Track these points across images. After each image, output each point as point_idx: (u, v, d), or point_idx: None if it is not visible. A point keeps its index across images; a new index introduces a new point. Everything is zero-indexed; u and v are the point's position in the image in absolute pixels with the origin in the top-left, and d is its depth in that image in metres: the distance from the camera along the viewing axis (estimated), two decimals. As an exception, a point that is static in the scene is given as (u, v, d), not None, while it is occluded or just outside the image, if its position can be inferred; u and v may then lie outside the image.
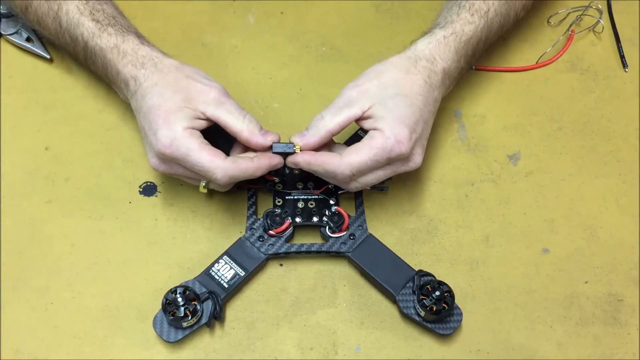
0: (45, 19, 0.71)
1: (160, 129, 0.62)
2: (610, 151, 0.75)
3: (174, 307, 0.61)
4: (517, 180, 0.73)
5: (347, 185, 0.65)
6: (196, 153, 0.61)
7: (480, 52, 0.71)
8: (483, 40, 0.70)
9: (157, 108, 0.63)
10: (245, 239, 0.67)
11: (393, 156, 0.62)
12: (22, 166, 0.72)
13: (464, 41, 0.68)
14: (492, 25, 0.70)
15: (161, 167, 0.64)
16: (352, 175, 0.63)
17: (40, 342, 0.63)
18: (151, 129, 0.63)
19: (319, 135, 0.63)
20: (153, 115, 0.63)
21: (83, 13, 0.69)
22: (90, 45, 0.68)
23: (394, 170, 0.65)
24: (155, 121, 0.62)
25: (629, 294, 0.67)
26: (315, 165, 0.63)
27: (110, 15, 0.69)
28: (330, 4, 0.85)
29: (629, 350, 0.64)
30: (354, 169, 0.62)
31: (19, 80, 0.78)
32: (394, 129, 0.62)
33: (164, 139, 0.61)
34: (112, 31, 0.68)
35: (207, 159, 0.61)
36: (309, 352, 0.63)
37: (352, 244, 0.67)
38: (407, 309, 0.63)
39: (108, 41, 0.67)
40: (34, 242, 0.68)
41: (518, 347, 0.64)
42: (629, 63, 0.82)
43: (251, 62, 0.81)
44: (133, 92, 0.66)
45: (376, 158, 0.62)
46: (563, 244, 0.69)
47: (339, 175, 0.63)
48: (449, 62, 0.67)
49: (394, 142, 0.62)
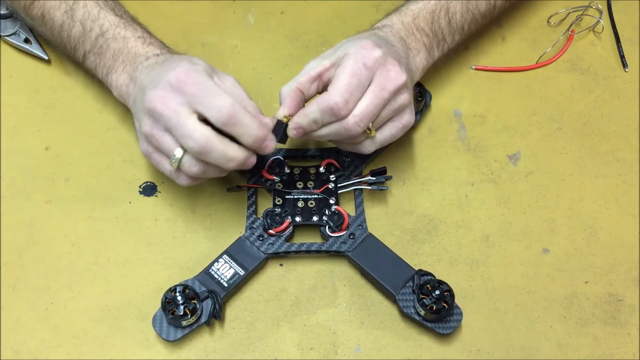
0: (53, 12, 0.71)
1: (180, 63, 0.62)
2: (610, 151, 0.75)
3: (173, 306, 0.61)
4: (517, 180, 0.73)
5: (351, 127, 0.63)
6: (211, 87, 0.60)
7: (445, 25, 0.72)
8: (440, 16, 0.72)
9: (179, 58, 0.64)
10: (245, 238, 0.67)
11: (368, 63, 0.62)
12: (22, 166, 0.72)
13: (410, 15, 0.71)
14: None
15: (148, 128, 0.62)
16: (345, 101, 0.61)
17: (40, 342, 0.63)
18: (169, 67, 0.62)
19: (292, 89, 0.65)
20: (176, 59, 0.64)
21: (103, 8, 0.70)
22: (110, 34, 0.69)
23: (382, 89, 0.63)
24: (179, 61, 0.62)
25: (629, 294, 0.67)
26: (311, 113, 0.63)
27: (131, 18, 0.72)
28: (330, 4, 0.86)
29: (629, 350, 0.64)
30: (342, 92, 0.61)
31: (19, 80, 0.78)
32: (354, 46, 0.63)
33: (182, 71, 0.61)
34: (137, 27, 0.70)
35: (217, 91, 0.60)
36: (309, 352, 0.63)
37: (352, 244, 0.67)
38: (407, 309, 0.63)
39: (134, 32, 0.69)
40: (34, 242, 0.68)
41: (518, 347, 0.64)
42: (629, 63, 0.82)
43: (251, 62, 0.81)
44: (149, 65, 0.66)
45: (355, 71, 0.62)
46: (563, 244, 0.69)
47: (334, 107, 0.61)
48: (396, 27, 0.70)
49: (360, 49, 0.63)
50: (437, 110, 0.77)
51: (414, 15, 0.71)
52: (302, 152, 0.73)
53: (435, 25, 0.71)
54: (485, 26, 0.80)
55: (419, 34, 0.70)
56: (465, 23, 0.74)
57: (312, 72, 0.65)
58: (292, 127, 0.64)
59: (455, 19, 0.73)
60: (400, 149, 0.75)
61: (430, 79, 0.79)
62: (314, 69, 0.65)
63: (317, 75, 0.65)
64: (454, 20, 0.73)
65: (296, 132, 0.64)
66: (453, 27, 0.73)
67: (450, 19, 0.72)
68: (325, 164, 0.71)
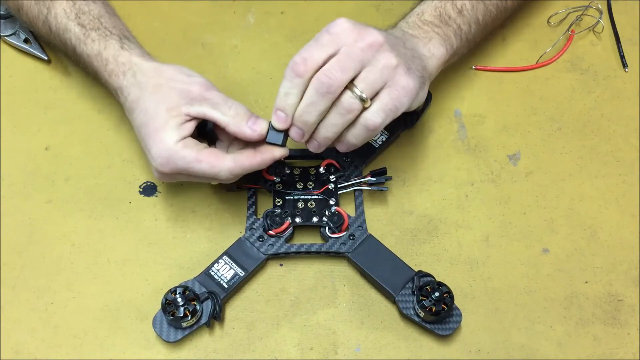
0: (36, 22, 0.71)
1: (152, 148, 0.61)
2: (610, 151, 0.75)
3: (173, 307, 0.62)
4: (517, 180, 0.73)
5: (334, 89, 0.58)
6: (195, 164, 0.61)
7: (455, 15, 0.70)
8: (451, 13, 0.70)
9: (145, 126, 0.62)
10: (245, 239, 0.67)
11: (332, 29, 0.59)
12: (22, 166, 0.72)
13: (414, 16, 0.69)
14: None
15: (165, 178, 0.64)
16: (303, 59, 0.58)
17: (40, 342, 0.63)
18: (146, 147, 0.62)
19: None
20: (144, 134, 0.62)
21: (69, 17, 0.68)
22: (78, 51, 0.68)
23: (351, 45, 0.59)
24: (147, 140, 0.62)
25: (629, 294, 0.67)
26: (280, 88, 0.60)
27: (96, 17, 0.68)
28: (330, 4, 0.85)
29: (629, 350, 0.64)
30: (300, 51, 0.58)
31: (19, 80, 0.78)
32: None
33: (159, 159, 0.61)
34: (95, 36, 0.67)
35: (207, 167, 0.61)
36: (309, 352, 0.63)
37: (352, 245, 0.67)
38: (406, 310, 0.63)
39: (92, 48, 0.66)
40: (34, 242, 0.68)
41: (518, 347, 0.64)
42: (629, 63, 0.81)
43: (251, 62, 0.81)
44: (122, 103, 0.66)
45: (316, 37, 0.59)
46: (563, 244, 0.69)
47: (292, 66, 0.58)
48: (401, 28, 0.68)
49: (330, 25, 0.60)
50: (437, 110, 0.77)
51: (419, 14, 0.69)
52: (302, 152, 0.73)
53: (444, 15, 0.69)
54: (501, 20, 0.78)
55: (426, 26, 0.68)
56: (479, 13, 0.71)
57: None
58: (276, 115, 0.61)
59: (466, 8, 0.70)
60: (400, 149, 0.75)
61: (431, 79, 0.79)
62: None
63: None
64: (465, 10, 0.70)
65: (296, 135, 0.61)
66: (466, 17, 0.70)
67: (461, 9, 0.70)
68: (325, 164, 0.71)
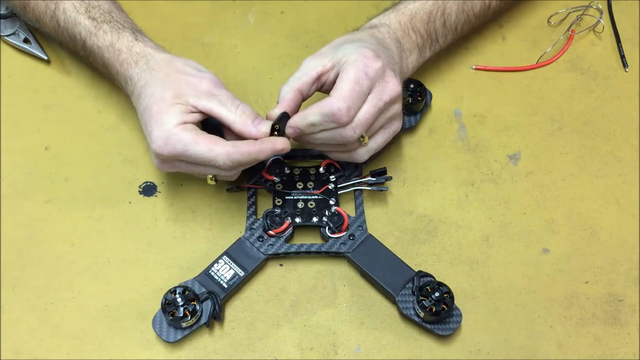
0: (43, 18, 0.71)
1: (153, 130, 0.62)
2: (610, 151, 0.75)
3: (173, 307, 0.62)
4: (517, 180, 0.73)
5: (348, 134, 0.63)
6: (193, 146, 0.61)
7: (439, 26, 0.73)
8: (436, 16, 0.73)
9: (149, 109, 0.63)
10: (245, 239, 0.67)
11: (370, 73, 0.62)
12: (22, 166, 0.72)
13: (407, 15, 0.71)
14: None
15: (164, 166, 0.64)
16: (348, 108, 0.61)
17: (40, 342, 0.63)
18: (147, 131, 0.63)
19: (294, 90, 0.64)
20: (147, 117, 0.63)
21: (79, 11, 0.69)
22: (88, 44, 0.68)
23: (379, 99, 0.63)
24: (149, 122, 0.62)
25: (629, 294, 0.67)
26: (311, 115, 0.62)
27: (106, 11, 0.69)
28: (330, 4, 0.85)
29: (629, 350, 0.64)
30: (346, 98, 0.61)
31: (19, 80, 0.78)
32: (356, 53, 0.63)
33: (158, 140, 0.61)
34: (107, 28, 0.68)
35: (205, 149, 0.61)
36: (309, 352, 0.63)
37: (352, 245, 0.67)
38: (406, 310, 0.63)
39: (104, 40, 0.67)
40: (34, 242, 0.68)
41: (518, 347, 0.64)
42: (629, 63, 0.81)
43: (251, 62, 0.81)
44: (130, 92, 0.66)
45: (358, 80, 0.62)
46: (563, 244, 0.69)
47: (336, 113, 0.61)
48: (393, 27, 0.70)
49: (362, 57, 0.63)
50: (437, 110, 0.77)
51: (412, 15, 0.71)
52: (302, 152, 0.73)
53: (431, 26, 0.72)
54: (479, 26, 0.80)
55: (414, 34, 0.71)
56: (459, 24, 0.75)
57: (312, 72, 0.65)
58: (290, 125, 0.64)
59: (450, 19, 0.73)
60: (400, 149, 0.75)
61: (430, 79, 0.79)
62: (314, 69, 0.65)
63: (317, 76, 0.65)
64: (448, 22, 0.73)
65: (292, 132, 0.64)
66: (447, 28, 0.74)
67: (446, 20, 0.73)
68: (325, 164, 0.71)
